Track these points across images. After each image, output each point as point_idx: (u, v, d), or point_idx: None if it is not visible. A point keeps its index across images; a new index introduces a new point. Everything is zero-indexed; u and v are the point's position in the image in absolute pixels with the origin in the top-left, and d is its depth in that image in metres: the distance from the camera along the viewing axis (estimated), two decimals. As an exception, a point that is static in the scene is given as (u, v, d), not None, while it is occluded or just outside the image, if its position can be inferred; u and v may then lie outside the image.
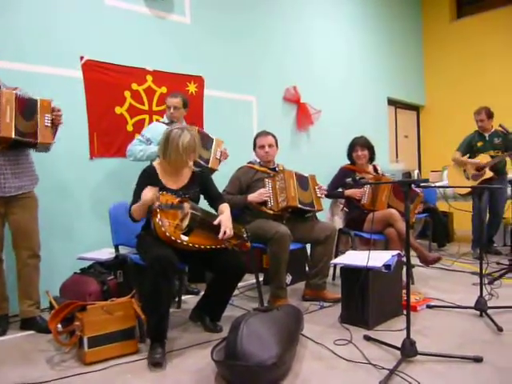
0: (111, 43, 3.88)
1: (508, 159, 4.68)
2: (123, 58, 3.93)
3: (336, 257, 3.68)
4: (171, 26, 4.31)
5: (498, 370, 2.25)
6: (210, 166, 3.57)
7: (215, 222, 2.67)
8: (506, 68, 6.94)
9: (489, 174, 4.91)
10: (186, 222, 2.55)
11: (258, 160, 3.67)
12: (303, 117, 5.44)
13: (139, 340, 2.61)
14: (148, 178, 2.75)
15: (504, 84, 6.93)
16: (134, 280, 2.90)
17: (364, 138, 4.16)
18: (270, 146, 3.59)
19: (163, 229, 2.46)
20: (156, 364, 2.33)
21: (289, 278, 3.97)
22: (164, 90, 4.23)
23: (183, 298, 3.57)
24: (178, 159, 2.69)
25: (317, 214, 4.11)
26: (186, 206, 2.60)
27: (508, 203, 4.73)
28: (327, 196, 4.07)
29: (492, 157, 4.96)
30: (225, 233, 2.65)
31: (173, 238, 2.48)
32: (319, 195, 3.61)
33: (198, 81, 4.49)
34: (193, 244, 2.56)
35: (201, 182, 2.92)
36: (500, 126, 4.67)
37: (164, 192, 2.64)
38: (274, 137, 3.64)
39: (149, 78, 4.14)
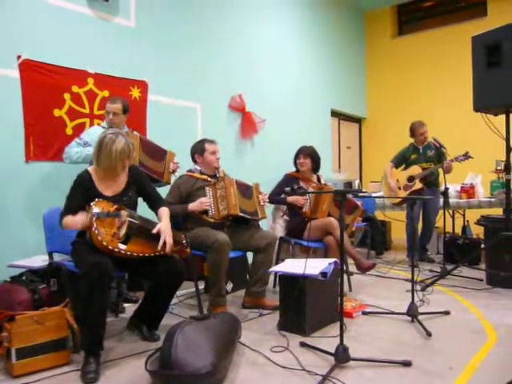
0: (51, 43, 3.75)
1: (440, 171, 4.92)
2: (64, 59, 3.81)
3: (277, 265, 3.72)
4: (115, 28, 4.23)
5: (426, 373, 2.35)
6: (164, 180, 3.55)
7: (154, 231, 2.63)
8: (440, 84, 7.33)
9: (418, 185, 5.17)
10: (123, 231, 2.50)
11: (199, 168, 3.65)
12: (248, 125, 5.49)
13: (72, 351, 2.53)
14: (82, 184, 2.66)
15: (437, 100, 7.32)
16: (69, 289, 2.80)
17: (311, 148, 4.24)
18: (218, 152, 3.64)
19: (100, 238, 2.40)
20: (89, 375, 2.26)
21: (230, 286, 3.98)
22: (106, 93, 4.13)
23: (121, 306, 3.49)
24: (111, 166, 2.63)
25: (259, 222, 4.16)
26: (124, 213, 2.54)
27: (440, 213, 4.98)
28: (270, 201, 4.13)
29: (424, 169, 5.22)
30: (164, 242, 2.62)
31: (110, 247, 2.42)
32: (262, 203, 3.65)
33: (142, 86, 4.42)
34: (131, 252, 2.51)
35: (136, 182, 2.86)
36: (433, 139, 4.91)
37: (100, 199, 2.57)
38: None
39: (90, 80, 4.03)
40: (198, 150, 3.63)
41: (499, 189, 5.33)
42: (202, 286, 3.92)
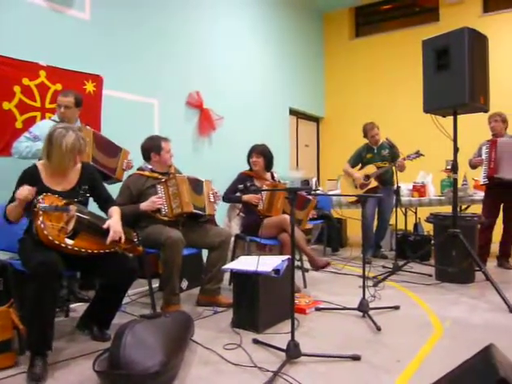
0: (1, 34, 3.60)
1: (394, 170, 5.07)
2: (14, 51, 3.66)
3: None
4: (69, 21, 4.11)
5: (374, 366, 2.41)
6: (116, 177, 3.47)
7: (104, 226, 2.58)
8: (395, 86, 7.54)
9: (374, 183, 5.33)
10: (71, 225, 2.44)
11: (150, 166, 3.58)
12: (205, 122, 5.46)
13: (18, 352, 2.45)
14: (29, 179, 2.58)
15: (392, 101, 7.52)
16: (15, 288, 2.71)
17: (263, 146, 4.27)
18: (171, 150, 3.62)
19: (45, 232, 2.33)
20: (36, 378, 2.20)
21: (185, 284, 3.97)
22: (59, 87, 4.00)
23: (73, 305, 3.43)
24: (62, 161, 2.58)
25: (215, 219, 4.15)
26: (72, 208, 2.48)
27: (393, 211, 5.13)
28: (226, 200, 4.13)
29: (379, 167, 5.37)
30: (115, 238, 2.58)
31: (56, 241, 2.35)
32: (212, 200, 3.61)
33: (97, 80, 4.30)
34: (79, 248, 2.45)
35: (88, 180, 2.80)
36: (386, 139, 5.05)
37: (48, 194, 2.50)
38: None
39: (42, 73, 3.89)
40: (155, 148, 3.54)
41: (448, 187, 5.53)
42: (157, 283, 3.88)
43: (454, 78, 3.64)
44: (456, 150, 3.94)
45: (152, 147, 3.56)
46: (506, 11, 6.84)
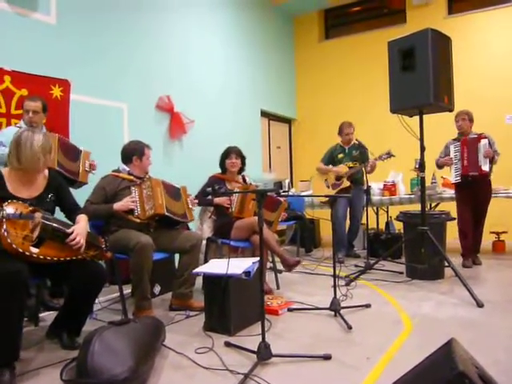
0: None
1: (364, 170, 5.14)
2: (-24, 56, 3.61)
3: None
4: (34, 25, 4.05)
5: (345, 365, 2.44)
6: (80, 179, 3.43)
7: (68, 231, 2.54)
8: (365, 87, 7.65)
9: (346, 183, 5.40)
10: (36, 233, 2.40)
11: (128, 169, 3.57)
12: (176, 126, 5.43)
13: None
14: None
15: (362, 102, 7.63)
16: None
17: (238, 148, 4.28)
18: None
19: (9, 240, 2.28)
20: (2, 388, 2.16)
21: (157, 289, 3.94)
22: (25, 92, 3.93)
23: (42, 314, 3.37)
24: (33, 161, 2.55)
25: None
26: (37, 215, 2.43)
27: (364, 210, 5.20)
28: (198, 204, 4.11)
29: (350, 167, 5.44)
30: (76, 241, 2.53)
31: (20, 250, 2.31)
32: (190, 206, 3.65)
33: (64, 84, 4.24)
34: (44, 256, 2.41)
35: (55, 187, 2.77)
36: (357, 140, 5.12)
37: (13, 200, 2.45)
38: None
39: (7, 78, 3.82)
40: (138, 152, 3.57)
41: (418, 186, 5.63)
42: (129, 289, 3.83)
43: (419, 79, 3.71)
44: (423, 149, 4.01)
45: (135, 151, 3.57)
46: (470, 13, 7.03)
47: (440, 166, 5.11)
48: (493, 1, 6.91)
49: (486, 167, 4.69)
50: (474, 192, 4.87)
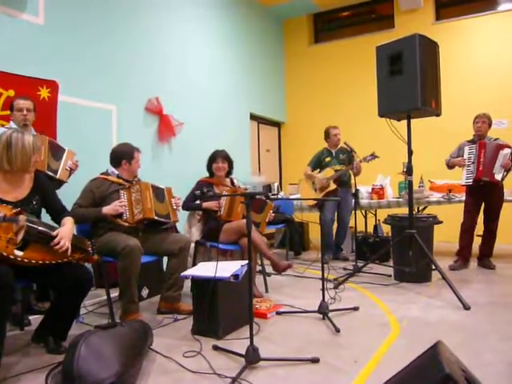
0: None
1: (351, 173, 5.16)
2: (-38, 57, 3.57)
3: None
4: (22, 25, 4.00)
5: (333, 368, 2.44)
6: (58, 177, 3.38)
7: (53, 233, 2.51)
8: (354, 91, 7.69)
9: (333, 186, 5.42)
10: (20, 236, 2.36)
11: (117, 172, 3.55)
12: (165, 129, 5.42)
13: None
14: None
15: (352, 106, 7.67)
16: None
17: (225, 151, 4.28)
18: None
19: (-8, 244, 2.26)
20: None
21: (146, 292, 3.92)
22: (12, 93, 3.89)
23: (28, 318, 3.30)
24: (26, 161, 2.55)
25: (176, 226, 4.12)
26: (22, 218, 2.40)
27: (353, 214, 5.22)
28: (186, 209, 4.10)
29: (336, 171, 5.47)
30: (61, 244, 2.50)
31: (4, 253, 2.27)
32: (175, 207, 3.63)
33: (52, 86, 4.20)
34: (29, 260, 2.38)
35: (41, 190, 2.74)
36: (345, 143, 5.15)
37: (-1, 203, 2.43)
38: None
39: (-7, 79, 3.79)
40: (128, 156, 3.52)
41: (405, 189, 5.67)
42: (116, 293, 3.80)
43: (407, 83, 3.74)
44: (410, 152, 4.04)
45: (125, 154, 3.53)
46: (457, 19, 7.11)
47: (450, 167, 5.04)
48: (480, 8, 7.02)
49: (499, 176, 4.65)
50: (486, 196, 4.83)
